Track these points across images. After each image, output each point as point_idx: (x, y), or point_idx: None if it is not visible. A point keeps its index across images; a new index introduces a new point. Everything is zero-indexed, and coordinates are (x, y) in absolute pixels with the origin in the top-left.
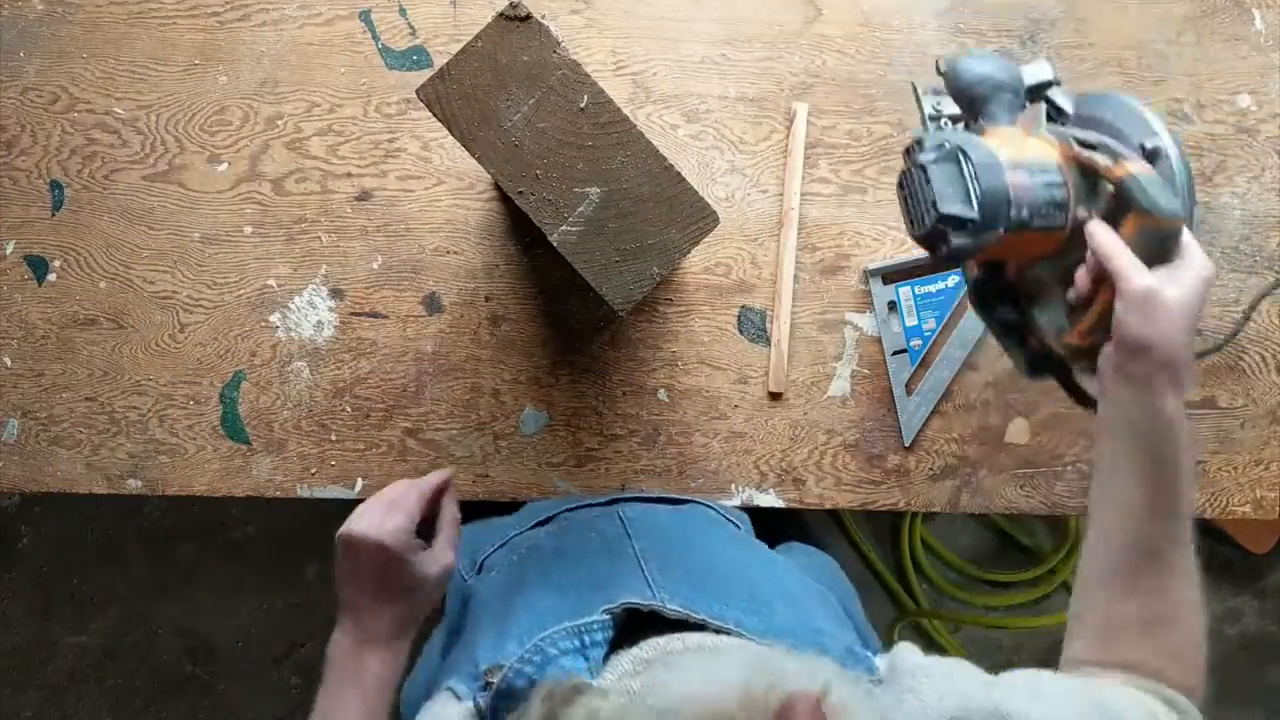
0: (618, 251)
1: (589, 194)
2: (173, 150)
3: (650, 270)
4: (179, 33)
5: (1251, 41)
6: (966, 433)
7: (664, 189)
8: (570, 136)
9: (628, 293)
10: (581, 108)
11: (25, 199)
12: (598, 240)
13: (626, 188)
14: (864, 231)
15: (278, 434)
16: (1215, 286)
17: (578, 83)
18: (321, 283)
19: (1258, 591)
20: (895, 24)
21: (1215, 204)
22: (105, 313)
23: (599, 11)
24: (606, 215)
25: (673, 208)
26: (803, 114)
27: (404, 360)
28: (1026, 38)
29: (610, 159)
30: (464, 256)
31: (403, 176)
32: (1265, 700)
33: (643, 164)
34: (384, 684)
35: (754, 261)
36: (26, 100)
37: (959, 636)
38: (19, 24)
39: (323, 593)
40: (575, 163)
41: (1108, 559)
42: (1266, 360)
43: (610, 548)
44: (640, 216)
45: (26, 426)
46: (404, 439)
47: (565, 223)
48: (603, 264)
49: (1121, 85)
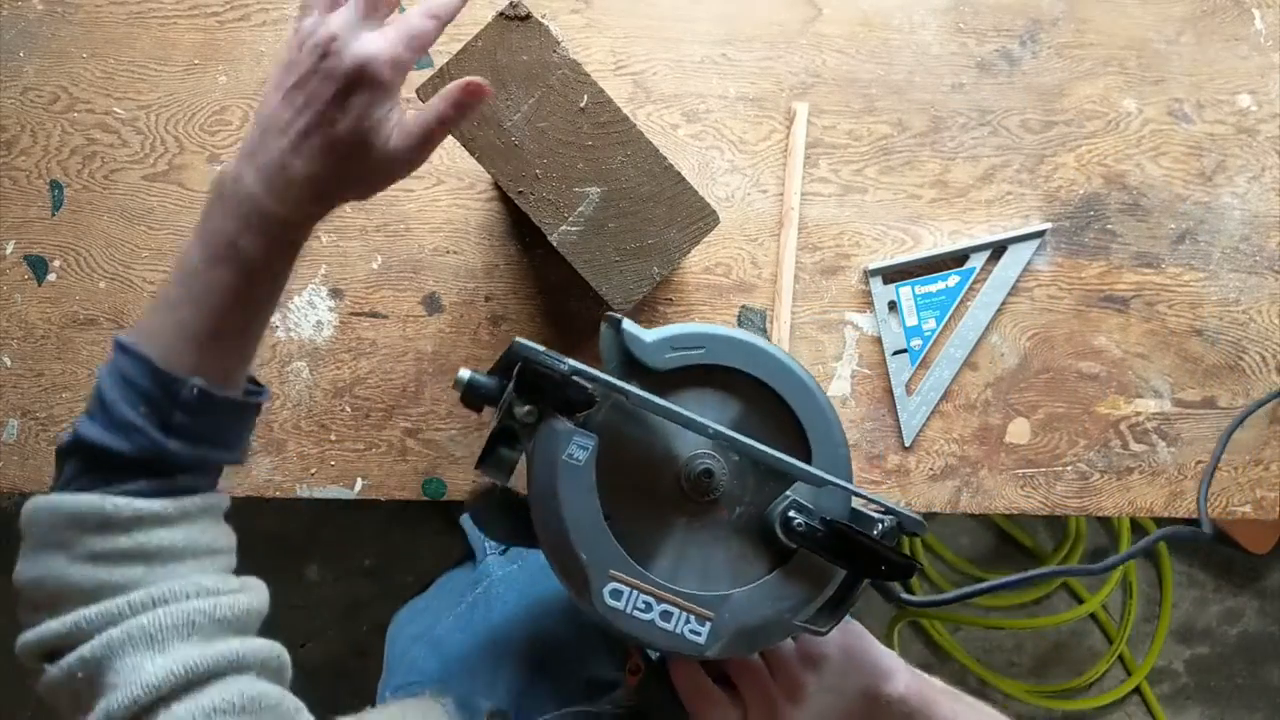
0: (618, 251)
1: (589, 194)
2: (173, 150)
3: (650, 270)
4: (179, 33)
5: (1251, 41)
6: (966, 433)
7: (664, 189)
8: (570, 136)
9: (628, 292)
10: (581, 107)
11: (25, 199)
12: (598, 240)
13: (626, 187)
14: (864, 231)
15: (277, 434)
16: (1215, 286)
17: (578, 82)
18: (321, 282)
19: (1258, 591)
20: (895, 24)
21: (1215, 204)
22: (105, 313)
23: (599, 11)
24: (606, 215)
25: (673, 207)
26: (803, 114)
27: (404, 360)
28: (1026, 38)
29: (610, 159)
30: (464, 256)
31: None
32: (1265, 700)
33: (643, 164)
34: (271, 273)
35: (754, 261)
36: (26, 100)
37: (959, 636)
38: (19, 24)
39: (324, 594)
40: (575, 162)
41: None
42: (1266, 360)
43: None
44: (640, 216)
45: (26, 426)
46: (404, 439)
47: (565, 222)
48: (603, 264)
49: (1121, 85)
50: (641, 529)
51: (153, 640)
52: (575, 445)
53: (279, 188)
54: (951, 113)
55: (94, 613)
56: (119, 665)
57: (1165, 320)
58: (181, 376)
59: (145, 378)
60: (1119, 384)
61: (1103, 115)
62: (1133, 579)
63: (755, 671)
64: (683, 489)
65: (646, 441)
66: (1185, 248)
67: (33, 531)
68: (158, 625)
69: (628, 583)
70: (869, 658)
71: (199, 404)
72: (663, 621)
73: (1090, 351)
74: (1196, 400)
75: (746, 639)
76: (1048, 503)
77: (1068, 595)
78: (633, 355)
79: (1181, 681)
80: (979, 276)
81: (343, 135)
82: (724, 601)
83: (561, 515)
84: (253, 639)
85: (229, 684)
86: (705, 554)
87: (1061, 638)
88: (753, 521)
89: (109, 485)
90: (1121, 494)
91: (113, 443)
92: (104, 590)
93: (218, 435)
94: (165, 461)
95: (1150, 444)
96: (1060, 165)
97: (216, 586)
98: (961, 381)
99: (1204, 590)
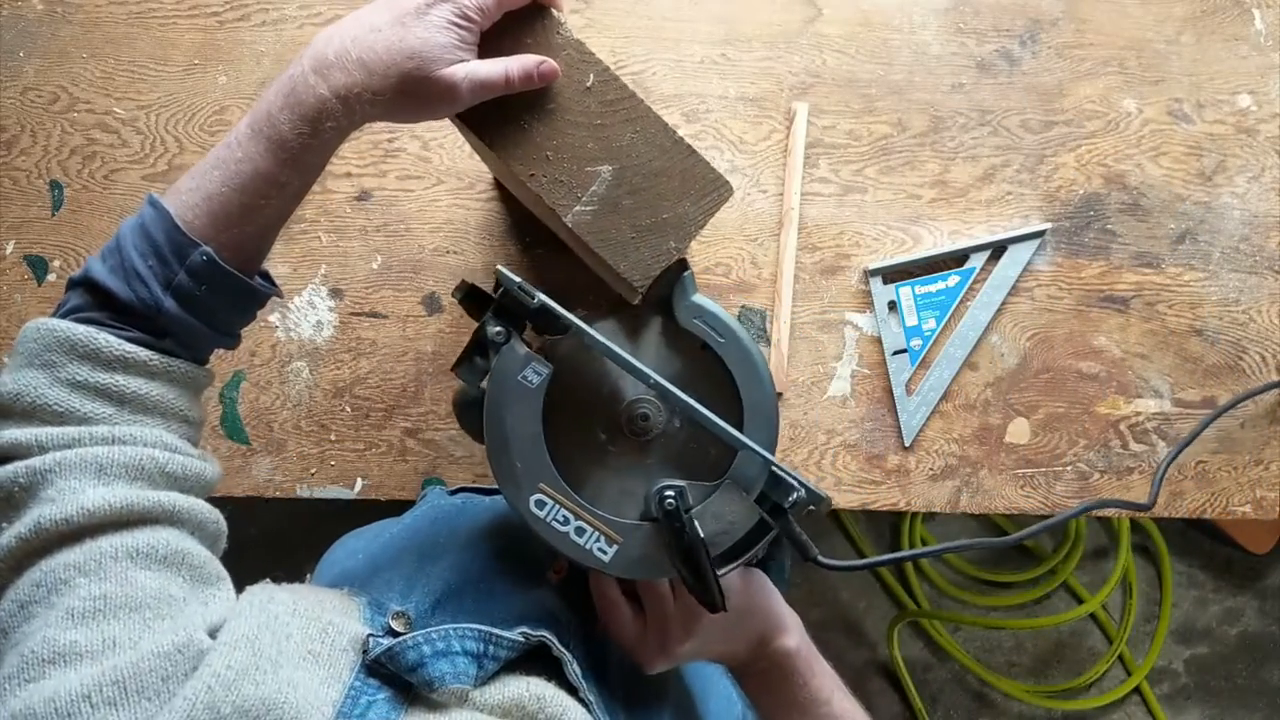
0: (633, 229)
1: (601, 172)
2: (173, 150)
3: (668, 245)
4: (179, 33)
5: (1251, 41)
6: (966, 433)
7: (675, 162)
8: (579, 116)
9: (646, 268)
10: (588, 86)
11: (25, 199)
12: (613, 218)
13: (638, 164)
14: (864, 231)
15: (277, 434)
16: (1215, 286)
17: (583, 62)
18: (321, 282)
19: (1258, 591)
20: (895, 24)
21: (1215, 204)
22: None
23: (599, 11)
24: (620, 193)
25: (685, 181)
26: (803, 114)
27: (404, 360)
28: (1026, 38)
29: (620, 136)
30: (464, 256)
31: (402, 176)
32: (1265, 700)
33: (653, 138)
34: (299, 160)
35: (754, 261)
36: (26, 100)
37: (959, 637)
38: (19, 24)
39: None
40: (585, 142)
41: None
42: (1266, 360)
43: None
44: (654, 191)
45: None
46: (404, 439)
47: (579, 203)
48: (619, 242)
49: (1121, 85)
50: (578, 454)
51: (101, 471)
52: (531, 369)
53: (324, 66)
54: (951, 113)
55: (54, 432)
56: (61, 484)
57: (1165, 320)
58: (194, 239)
59: (162, 232)
60: (1119, 384)
61: (1103, 115)
62: (1132, 579)
63: (660, 596)
64: (621, 426)
65: (599, 376)
66: (1185, 248)
67: (23, 348)
68: (110, 460)
69: (552, 496)
70: (770, 608)
71: (204, 271)
72: (576, 536)
73: (1090, 351)
74: (1196, 400)
75: (645, 565)
76: (1047, 503)
77: (1068, 595)
78: (669, 297)
79: (1181, 681)
80: (979, 276)
81: (413, 43)
82: (633, 530)
83: (505, 427)
84: (194, 499)
85: (159, 531)
86: (628, 487)
87: (1061, 638)
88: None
89: (103, 326)
90: (1121, 494)
91: (115, 286)
92: (71, 417)
93: (215, 310)
94: (158, 318)
95: (1150, 444)
96: (1060, 165)
97: (175, 444)
98: (961, 381)
99: (1204, 590)
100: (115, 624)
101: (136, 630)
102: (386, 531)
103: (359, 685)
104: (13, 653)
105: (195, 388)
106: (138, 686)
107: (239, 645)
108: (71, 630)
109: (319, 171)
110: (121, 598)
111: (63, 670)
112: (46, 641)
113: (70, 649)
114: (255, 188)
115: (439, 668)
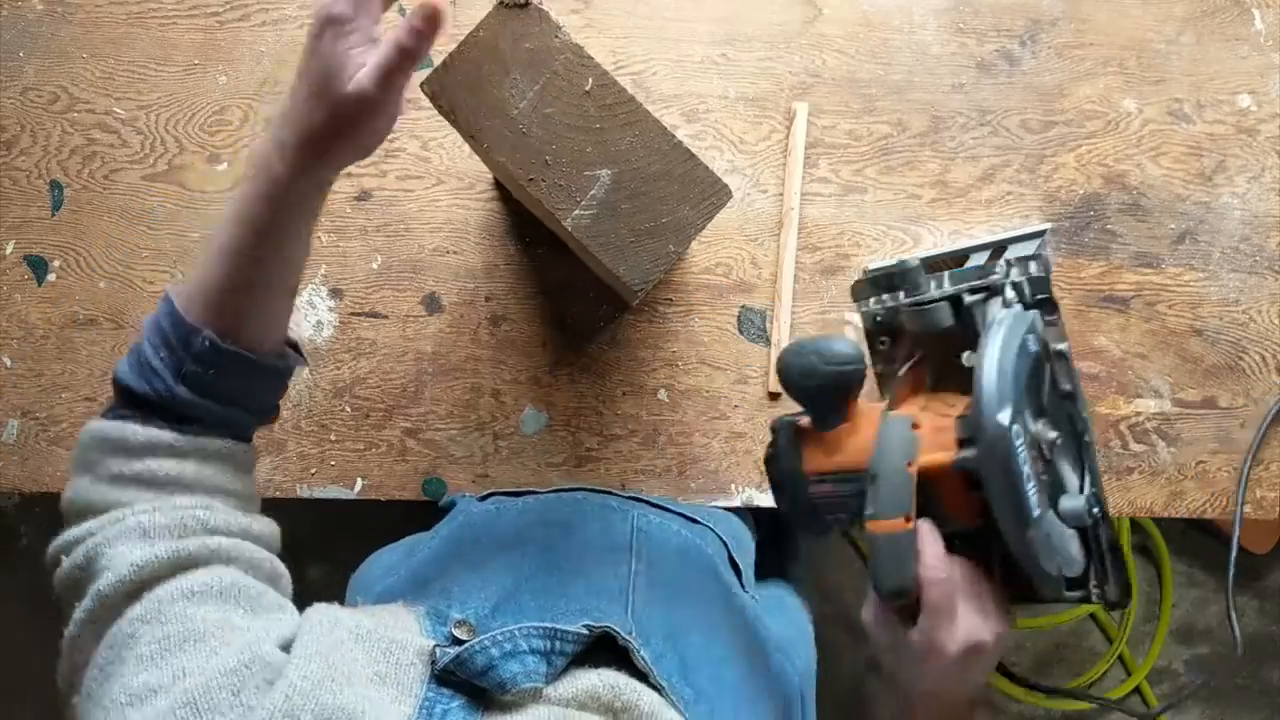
0: (632, 232)
1: (600, 176)
2: (172, 150)
3: (667, 249)
4: (179, 33)
5: (1251, 41)
6: None
7: (674, 166)
8: (577, 120)
9: (645, 273)
10: (587, 90)
11: (25, 199)
12: (612, 222)
13: (637, 167)
14: (864, 231)
15: (277, 434)
16: (1215, 286)
17: (581, 66)
18: (321, 282)
19: (1258, 591)
20: (895, 24)
21: (1215, 204)
22: (105, 313)
23: (599, 11)
24: (619, 197)
25: (684, 184)
26: (803, 114)
27: (404, 360)
28: (1026, 38)
29: (619, 140)
30: (464, 256)
31: (402, 176)
32: (1265, 700)
33: (651, 142)
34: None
35: (754, 261)
36: (26, 100)
37: None
38: (19, 24)
39: (324, 594)
40: (584, 146)
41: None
42: (1266, 360)
43: (612, 555)
44: (652, 195)
45: (26, 426)
46: (404, 439)
47: (578, 207)
48: (619, 246)
49: (1121, 85)
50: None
51: (145, 534)
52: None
53: (277, 143)
54: (951, 113)
55: (102, 518)
56: (110, 554)
57: (1165, 320)
58: (195, 325)
59: (168, 323)
60: (1119, 384)
61: (1103, 115)
62: (1133, 579)
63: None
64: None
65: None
66: (1185, 248)
67: (74, 455)
68: (152, 523)
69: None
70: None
71: (209, 355)
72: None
73: (1090, 351)
74: (1196, 400)
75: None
76: None
77: None
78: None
79: (1181, 681)
80: None
81: (314, 76)
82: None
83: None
84: (243, 542)
85: (213, 570)
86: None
87: (1061, 638)
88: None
89: (129, 420)
90: (1121, 494)
91: (134, 382)
92: (113, 508)
93: (229, 390)
94: (175, 407)
95: (1150, 444)
96: (1060, 165)
97: (213, 506)
98: None
99: (1204, 590)
100: (182, 656)
101: (203, 658)
102: (423, 546)
103: (432, 696)
104: (97, 709)
105: (235, 464)
106: (210, 704)
107: (312, 659)
108: (143, 674)
109: (298, 242)
110: (183, 633)
111: (139, 709)
112: (124, 689)
113: (144, 688)
114: (236, 266)
115: (509, 668)
